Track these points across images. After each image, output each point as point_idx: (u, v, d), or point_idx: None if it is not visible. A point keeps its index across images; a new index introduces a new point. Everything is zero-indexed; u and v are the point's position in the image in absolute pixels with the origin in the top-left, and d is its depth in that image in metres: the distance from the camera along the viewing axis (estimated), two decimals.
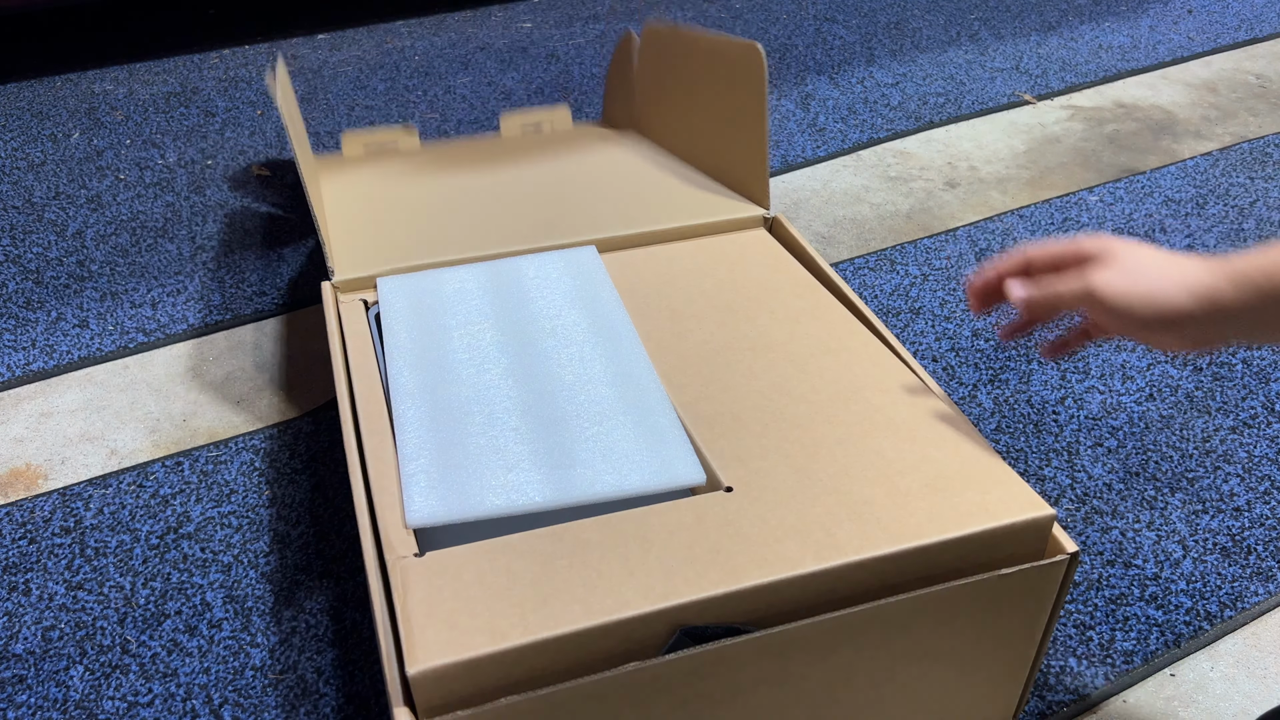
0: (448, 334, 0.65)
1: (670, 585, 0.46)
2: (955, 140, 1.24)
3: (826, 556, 0.48)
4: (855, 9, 1.62)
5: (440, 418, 0.58)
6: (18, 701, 0.63)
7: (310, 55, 1.48)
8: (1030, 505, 0.51)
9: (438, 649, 0.43)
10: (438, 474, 0.54)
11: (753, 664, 0.47)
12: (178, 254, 1.04)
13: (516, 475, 0.54)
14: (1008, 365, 0.89)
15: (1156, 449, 0.81)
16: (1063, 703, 0.63)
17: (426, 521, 0.51)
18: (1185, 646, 0.66)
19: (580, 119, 1.28)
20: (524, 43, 1.51)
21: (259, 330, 0.94)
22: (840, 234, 1.07)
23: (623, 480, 0.53)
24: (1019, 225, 1.08)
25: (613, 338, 0.64)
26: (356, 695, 0.63)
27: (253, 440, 0.81)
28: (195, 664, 0.65)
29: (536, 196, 0.85)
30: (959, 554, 0.50)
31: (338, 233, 0.78)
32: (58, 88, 1.39)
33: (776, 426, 0.56)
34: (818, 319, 0.66)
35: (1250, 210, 1.11)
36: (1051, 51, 1.47)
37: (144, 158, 1.21)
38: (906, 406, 0.57)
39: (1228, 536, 0.74)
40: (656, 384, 0.60)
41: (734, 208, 0.80)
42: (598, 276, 0.70)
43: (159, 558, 0.72)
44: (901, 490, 0.52)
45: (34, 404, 0.86)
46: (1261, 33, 1.53)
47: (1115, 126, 1.28)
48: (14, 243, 1.05)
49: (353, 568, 0.71)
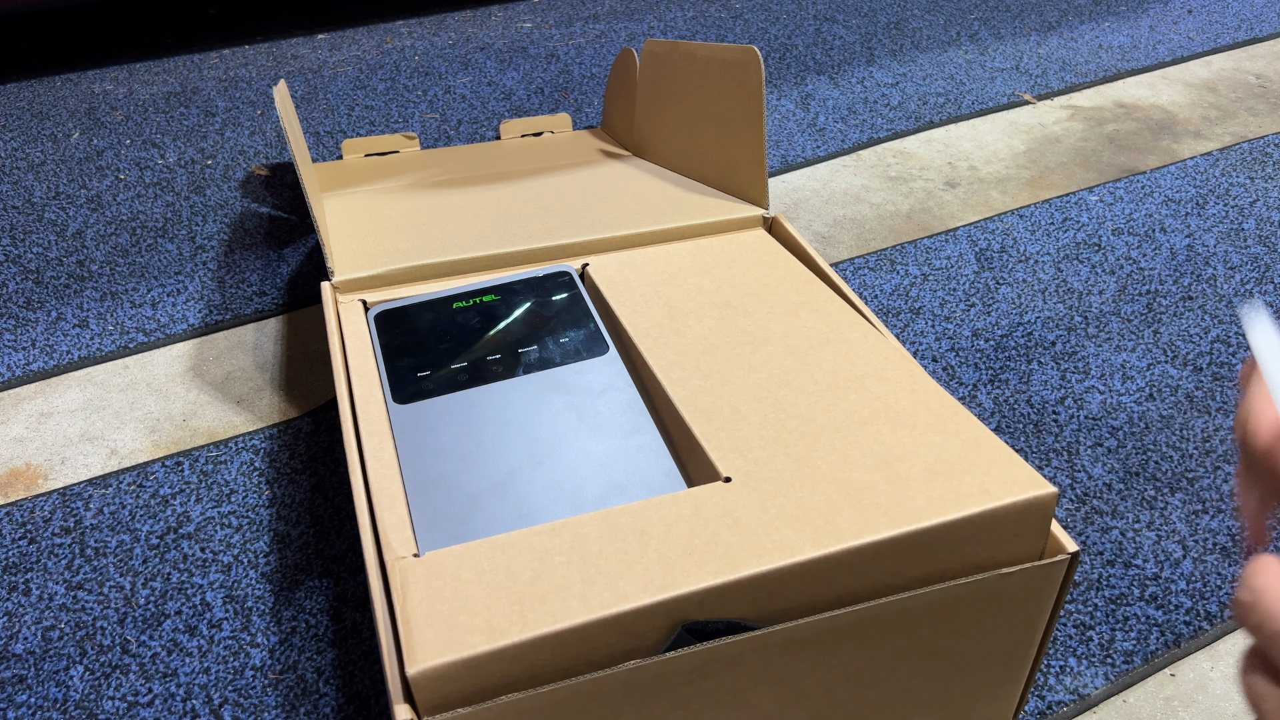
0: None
1: (669, 577, 0.46)
2: (955, 140, 1.24)
3: (826, 543, 0.48)
4: (855, 9, 1.62)
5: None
6: (18, 701, 0.63)
7: (310, 55, 1.48)
8: (1031, 484, 0.50)
9: (437, 648, 0.43)
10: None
11: (753, 662, 0.47)
12: (178, 254, 1.04)
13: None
14: (1008, 365, 0.89)
15: (1156, 449, 0.81)
16: (1063, 703, 0.63)
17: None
18: (1185, 646, 0.66)
19: (580, 119, 1.28)
20: (524, 43, 1.51)
21: (259, 330, 0.94)
22: (840, 234, 1.07)
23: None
24: (1019, 225, 1.08)
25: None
26: (356, 695, 0.63)
27: (253, 440, 0.81)
28: (195, 664, 0.65)
29: (536, 199, 0.86)
30: (961, 535, 0.49)
31: (337, 234, 0.78)
32: (58, 88, 1.39)
33: (775, 417, 0.56)
34: (816, 312, 0.66)
35: (1250, 210, 1.11)
36: (1051, 51, 1.47)
37: (144, 158, 1.21)
38: (906, 395, 0.58)
39: (1228, 536, 0.74)
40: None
41: (733, 208, 0.80)
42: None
43: (159, 558, 0.72)
44: (901, 475, 0.51)
45: (34, 404, 0.86)
46: (1261, 33, 1.53)
47: (1115, 126, 1.28)
48: (14, 243, 1.05)
49: (353, 568, 0.71)
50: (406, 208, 0.85)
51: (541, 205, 0.83)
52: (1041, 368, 0.89)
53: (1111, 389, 0.87)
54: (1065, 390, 0.87)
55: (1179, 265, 1.02)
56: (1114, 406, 0.85)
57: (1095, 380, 0.88)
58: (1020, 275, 1.01)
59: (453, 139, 1.24)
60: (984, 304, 0.97)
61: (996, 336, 0.93)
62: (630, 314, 0.67)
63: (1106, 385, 0.87)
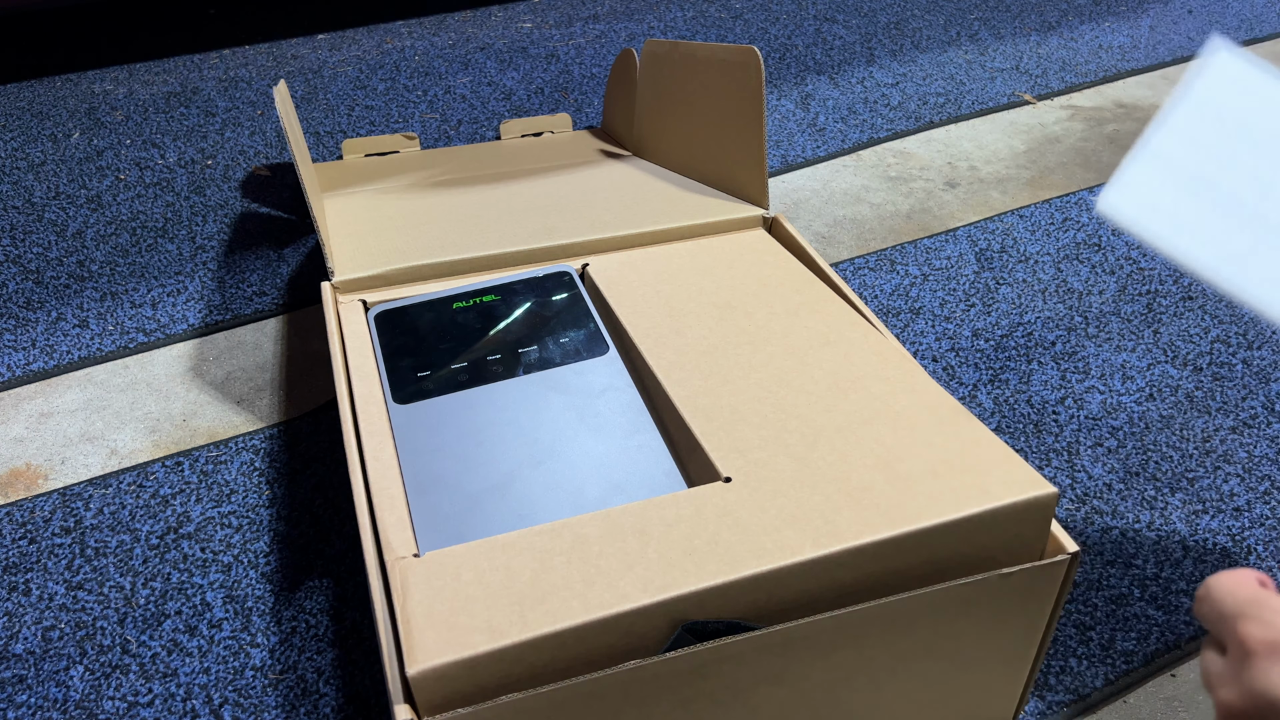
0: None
1: (669, 577, 0.46)
2: (955, 140, 1.24)
3: (826, 543, 0.48)
4: (855, 9, 1.62)
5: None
6: (18, 701, 0.63)
7: (310, 55, 1.48)
8: (1031, 484, 0.50)
9: (437, 648, 0.43)
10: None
11: (754, 662, 0.47)
12: (178, 254, 1.04)
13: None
14: (1008, 365, 0.89)
15: (1156, 449, 0.81)
16: (1063, 703, 0.63)
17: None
18: (1185, 647, 0.66)
19: (580, 119, 1.28)
20: (524, 43, 1.51)
21: (259, 330, 0.94)
22: (840, 234, 1.07)
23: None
24: (1019, 225, 1.08)
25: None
26: (356, 695, 0.63)
27: (253, 440, 0.81)
28: (195, 664, 0.65)
29: (536, 200, 0.86)
30: (961, 535, 0.49)
31: (337, 234, 0.78)
32: (58, 88, 1.39)
33: (775, 417, 0.56)
34: (816, 312, 0.66)
35: None
36: (1051, 51, 1.47)
37: (144, 158, 1.21)
38: (906, 395, 0.58)
39: (1228, 536, 0.74)
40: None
41: (733, 208, 0.80)
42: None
43: (159, 558, 0.72)
44: (901, 475, 0.51)
45: (34, 404, 0.86)
46: (1261, 33, 1.53)
47: (1115, 126, 1.28)
48: (14, 243, 1.05)
49: (353, 568, 0.71)
50: (406, 208, 0.85)
51: (541, 205, 0.83)
52: (1041, 368, 0.89)
53: (1111, 389, 0.87)
54: (1065, 390, 0.87)
55: (1179, 265, 1.02)
56: (1114, 406, 0.85)
57: (1095, 380, 0.88)
58: (1020, 275, 1.01)
59: (453, 139, 1.24)
60: (984, 304, 0.97)
61: (996, 336, 0.93)
62: (630, 314, 0.67)
63: (1106, 385, 0.87)
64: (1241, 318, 0.95)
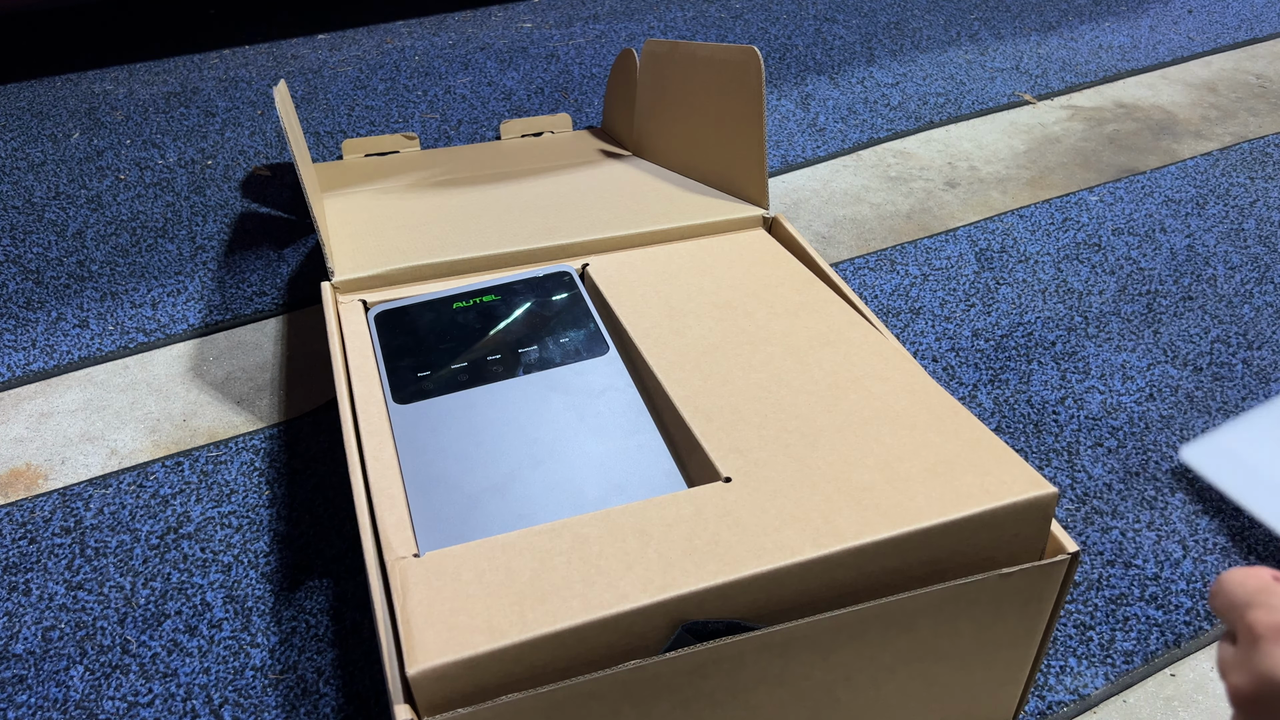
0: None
1: (669, 577, 0.46)
2: (955, 140, 1.24)
3: (826, 543, 0.48)
4: (855, 9, 1.62)
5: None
6: (18, 701, 0.63)
7: (310, 55, 1.48)
8: (1031, 484, 0.50)
9: (437, 648, 0.43)
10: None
11: (754, 662, 0.47)
12: (178, 254, 1.04)
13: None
14: (1008, 365, 0.89)
15: (1156, 449, 0.81)
16: (1063, 703, 0.63)
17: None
18: (1185, 646, 0.66)
19: (580, 119, 1.28)
20: (524, 43, 1.51)
21: (259, 330, 0.94)
22: (840, 234, 1.07)
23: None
24: (1019, 225, 1.08)
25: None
26: (356, 695, 0.63)
27: (253, 440, 0.81)
28: (195, 664, 0.65)
29: (536, 200, 0.86)
30: (961, 535, 0.49)
31: (337, 234, 0.78)
32: (58, 88, 1.39)
33: (775, 417, 0.56)
34: (816, 312, 0.66)
35: (1250, 210, 1.11)
36: (1051, 51, 1.47)
37: (144, 158, 1.21)
38: (906, 395, 0.58)
39: (1228, 536, 0.74)
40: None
41: (733, 208, 0.80)
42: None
43: (159, 558, 0.72)
44: (901, 475, 0.51)
45: (34, 404, 0.86)
46: (1261, 33, 1.53)
47: (1115, 126, 1.28)
48: (14, 243, 1.05)
49: (353, 568, 0.71)
50: (406, 208, 0.85)
51: (541, 205, 0.83)
52: (1041, 368, 0.89)
53: (1111, 389, 0.87)
54: (1065, 390, 0.87)
55: (1179, 265, 1.02)
56: (1114, 406, 0.85)
57: (1095, 380, 0.88)
58: (1020, 275, 1.01)
59: (453, 139, 1.24)
60: (984, 304, 0.97)
61: (996, 336, 0.93)
62: (630, 314, 0.67)
63: (1106, 385, 0.87)
64: (1242, 318, 0.95)
